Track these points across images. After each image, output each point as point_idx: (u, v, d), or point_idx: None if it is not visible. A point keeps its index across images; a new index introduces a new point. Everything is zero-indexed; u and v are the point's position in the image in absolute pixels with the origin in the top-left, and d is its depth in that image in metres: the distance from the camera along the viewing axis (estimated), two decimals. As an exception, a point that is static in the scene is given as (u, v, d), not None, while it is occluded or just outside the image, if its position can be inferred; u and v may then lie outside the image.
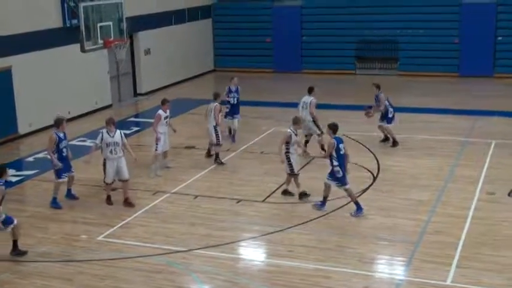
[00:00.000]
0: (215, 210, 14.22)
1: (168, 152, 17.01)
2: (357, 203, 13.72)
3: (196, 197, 14.99)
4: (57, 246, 12.64)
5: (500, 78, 28.03)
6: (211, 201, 14.75)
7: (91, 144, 19.41)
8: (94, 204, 14.82)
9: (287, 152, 14.60)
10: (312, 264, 11.58)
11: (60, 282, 11.23)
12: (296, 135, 14.80)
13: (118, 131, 14.50)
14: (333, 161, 13.58)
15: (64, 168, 14.50)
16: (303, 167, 15.92)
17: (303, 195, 14.68)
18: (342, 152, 13.60)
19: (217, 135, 17.26)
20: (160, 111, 16.51)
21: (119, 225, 13.51)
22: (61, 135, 14.57)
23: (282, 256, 11.95)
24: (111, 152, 14.30)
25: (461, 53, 28.81)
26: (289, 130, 14.71)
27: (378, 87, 18.52)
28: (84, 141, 20.13)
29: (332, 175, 13.68)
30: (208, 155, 17.81)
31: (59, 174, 14.53)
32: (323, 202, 14.02)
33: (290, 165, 14.62)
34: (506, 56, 28.33)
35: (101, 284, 11.12)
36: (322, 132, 17.30)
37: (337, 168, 13.55)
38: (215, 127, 17.25)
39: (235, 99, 19.41)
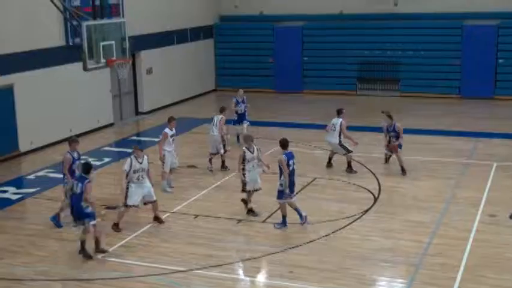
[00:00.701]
0: (215, 230, 14.18)
1: (174, 170, 17.03)
2: (284, 217, 14.21)
3: (196, 216, 14.95)
4: (58, 264, 12.59)
5: (501, 100, 28.07)
6: (211, 221, 14.71)
7: (92, 163, 19.49)
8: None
9: (243, 169, 14.78)
10: (312, 285, 11.52)
11: (59, 301, 11.19)
12: (252, 152, 14.86)
13: (145, 157, 14.33)
14: (281, 176, 13.97)
15: None
16: (302, 188, 15.90)
17: (250, 212, 14.97)
18: (291, 168, 14.03)
19: (223, 144, 18.35)
20: (166, 129, 16.62)
21: (119, 244, 13.46)
22: (75, 155, 14.54)
23: (282, 277, 11.90)
24: (138, 178, 14.07)
25: (463, 75, 28.87)
26: (243, 148, 14.92)
27: (391, 117, 18.05)
28: (85, 159, 20.06)
29: (278, 190, 14.12)
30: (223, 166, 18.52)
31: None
32: (283, 221, 14.28)
33: (243, 182, 14.85)
34: (507, 78, 28.36)
35: (101, 304, 11.08)
36: (349, 151, 17.99)
37: (283, 182, 13.97)
38: (222, 136, 18.34)
39: (242, 109, 21.03)
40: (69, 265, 12.53)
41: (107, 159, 20.02)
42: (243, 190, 15.03)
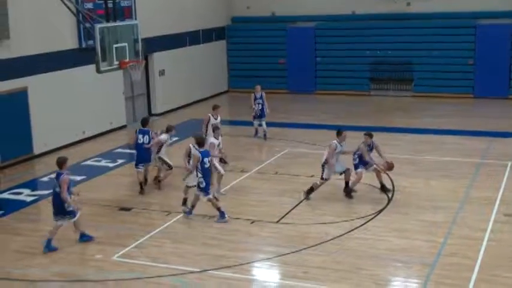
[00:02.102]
0: (229, 231, 14.17)
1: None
2: (220, 210, 14.56)
3: (210, 217, 14.96)
4: (72, 266, 12.63)
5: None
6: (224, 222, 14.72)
7: (106, 165, 19.64)
8: (107, 224, 14.83)
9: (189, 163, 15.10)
10: (327, 286, 11.49)
11: (74, 302, 11.23)
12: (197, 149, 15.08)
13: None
14: (198, 173, 14.39)
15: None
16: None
17: (185, 205, 15.36)
18: (206, 166, 14.44)
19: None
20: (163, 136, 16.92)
21: (133, 245, 13.49)
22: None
23: (296, 278, 11.87)
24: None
25: (476, 75, 28.75)
26: (190, 145, 15.29)
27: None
28: (99, 161, 20.20)
29: (197, 186, 14.55)
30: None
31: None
32: (190, 210, 14.90)
33: (188, 177, 15.19)
34: (522, 77, 28.25)
35: (115, 305, 11.11)
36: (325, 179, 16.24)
37: (201, 180, 14.37)
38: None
39: (260, 105, 21.99)
40: (83, 266, 12.57)
41: (120, 161, 20.06)
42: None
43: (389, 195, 16.03)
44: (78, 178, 17.95)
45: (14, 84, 19.85)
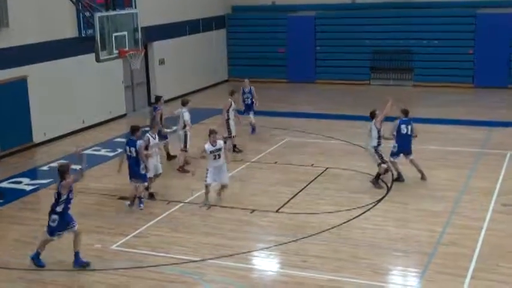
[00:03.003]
0: (228, 220, 14.21)
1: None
2: (139, 198, 14.91)
3: (209, 206, 14.98)
4: (71, 255, 12.64)
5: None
6: (224, 211, 14.74)
7: (106, 154, 19.65)
8: (107, 213, 14.86)
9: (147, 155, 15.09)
10: (326, 274, 11.53)
11: (73, 291, 11.27)
12: (154, 138, 15.49)
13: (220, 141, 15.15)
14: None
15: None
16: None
17: (151, 197, 15.51)
18: (131, 155, 14.67)
19: (228, 128, 19.03)
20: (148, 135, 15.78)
21: (133, 234, 13.52)
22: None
23: (296, 266, 11.91)
24: (214, 158, 14.92)
25: (476, 64, 28.71)
26: (147, 135, 15.39)
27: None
28: (98, 150, 20.21)
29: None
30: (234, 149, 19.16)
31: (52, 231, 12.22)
32: (132, 202, 14.94)
33: (144, 167, 15.07)
34: (522, 66, 28.21)
35: (115, 293, 11.15)
36: (383, 162, 15.98)
37: (142, 166, 14.70)
38: (227, 121, 19.05)
39: (249, 99, 21.32)
40: (84, 255, 12.58)
41: (120, 150, 19.99)
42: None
43: (389, 186, 16.05)
44: (78, 167, 17.90)
45: (14, 73, 19.83)
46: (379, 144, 15.91)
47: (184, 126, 17.86)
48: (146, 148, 15.02)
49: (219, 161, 15.00)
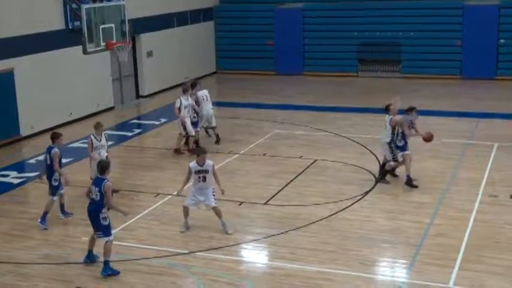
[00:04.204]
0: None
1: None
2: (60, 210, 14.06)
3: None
4: (59, 248, 12.63)
5: (503, 81, 27.99)
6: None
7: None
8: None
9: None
10: (314, 266, 11.56)
11: (61, 284, 11.22)
12: (99, 140, 15.08)
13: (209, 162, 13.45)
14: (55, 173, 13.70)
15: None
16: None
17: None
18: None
19: (183, 126, 18.43)
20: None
21: (120, 227, 13.47)
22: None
23: (284, 258, 11.93)
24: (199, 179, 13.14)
25: (464, 56, 28.79)
26: (91, 136, 15.08)
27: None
28: (86, 143, 20.06)
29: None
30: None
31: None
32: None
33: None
34: (509, 58, 28.24)
35: (102, 286, 11.10)
36: (394, 160, 15.71)
37: (56, 178, 13.68)
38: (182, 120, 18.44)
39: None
40: (71, 248, 12.56)
41: (108, 143, 19.95)
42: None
43: (377, 178, 16.06)
44: (66, 160, 17.84)
45: (0, 65, 19.69)
46: (392, 140, 15.60)
47: (196, 112, 18.57)
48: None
49: (204, 184, 13.12)
